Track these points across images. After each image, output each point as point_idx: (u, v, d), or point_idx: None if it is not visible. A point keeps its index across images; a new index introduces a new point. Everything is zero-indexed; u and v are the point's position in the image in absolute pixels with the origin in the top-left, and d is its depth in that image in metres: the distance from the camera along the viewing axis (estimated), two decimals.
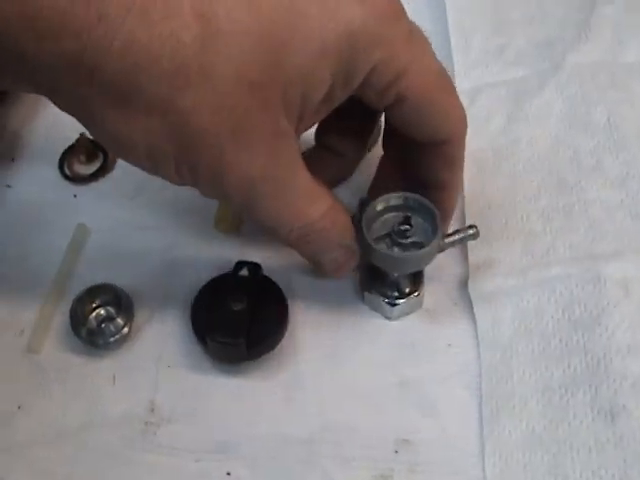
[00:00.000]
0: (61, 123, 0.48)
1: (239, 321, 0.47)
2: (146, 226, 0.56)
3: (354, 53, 0.40)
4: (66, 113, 0.40)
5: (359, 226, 0.47)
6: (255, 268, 0.50)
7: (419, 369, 0.49)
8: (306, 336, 0.51)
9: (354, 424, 0.47)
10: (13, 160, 0.60)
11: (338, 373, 0.49)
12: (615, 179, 0.54)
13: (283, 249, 0.52)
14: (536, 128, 0.58)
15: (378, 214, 0.48)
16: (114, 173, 0.59)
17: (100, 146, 0.59)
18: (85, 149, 0.59)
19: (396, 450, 0.46)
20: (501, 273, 0.51)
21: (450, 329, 0.50)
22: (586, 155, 0.56)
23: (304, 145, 0.48)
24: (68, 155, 0.60)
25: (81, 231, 0.55)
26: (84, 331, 0.49)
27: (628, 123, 0.57)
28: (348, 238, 0.47)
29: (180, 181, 0.42)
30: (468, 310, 0.51)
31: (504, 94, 0.60)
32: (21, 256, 0.55)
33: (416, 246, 0.47)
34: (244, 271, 0.50)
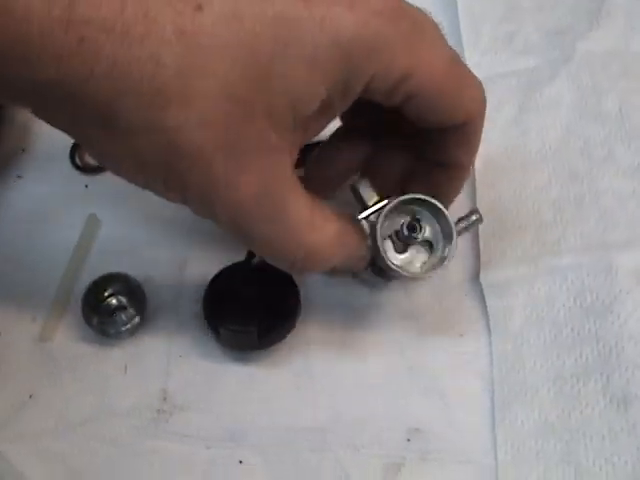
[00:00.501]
0: None
1: (251, 309, 0.48)
2: (158, 216, 0.56)
3: (349, 64, 0.38)
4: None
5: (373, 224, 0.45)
6: None
7: (431, 358, 0.49)
8: (317, 325, 0.51)
9: (365, 413, 0.47)
10: (24, 151, 0.60)
11: (349, 363, 0.49)
12: (627, 169, 0.53)
13: None
14: (547, 118, 0.57)
15: (385, 217, 0.45)
16: None
17: None
18: None
19: (408, 439, 0.46)
20: (512, 262, 0.51)
21: (462, 319, 0.50)
22: (597, 145, 0.55)
23: None
24: (79, 145, 0.59)
25: (92, 221, 0.56)
26: (96, 320, 0.50)
27: (639, 112, 0.56)
28: (362, 252, 0.45)
29: (173, 198, 0.41)
30: (479, 300, 0.51)
31: (515, 84, 0.60)
32: (33, 246, 0.55)
33: (425, 245, 0.46)
34: (256, 260, 0.50)
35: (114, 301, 0.51)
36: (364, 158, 0.50)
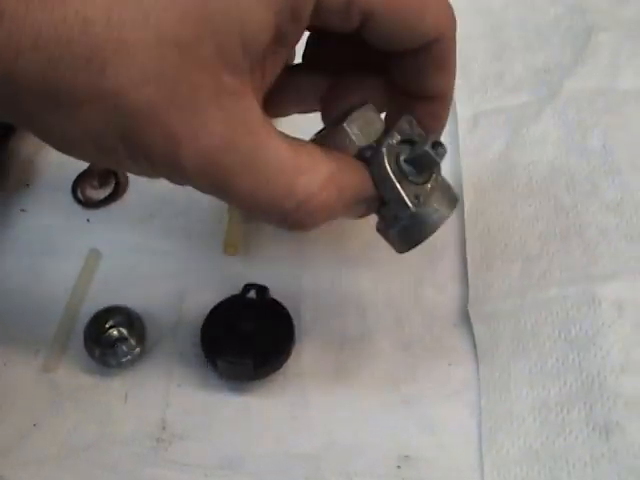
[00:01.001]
0: None
1: (247, 342, 0.49)
2: (157, 250, 0.57)
3: None
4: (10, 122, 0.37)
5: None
6: (262, 290, 0.52)
7: (421, 388, 0.50)
8: (311, 356, 0.52)
9: (358, 441, 0.48)
10: (28, 186, 0.62)
11: (342, 392, 0.50)
12: (610, 203, 0.54)
13: (289, 271, 0.54)
14: (534, 154, 0.59)
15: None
16: (126, 198, 0.60)
17: (113, 171, 0.61)
18: (98, 174, 0.61)
19: (398, 465, 0.47)
20: (500, 295, 0.52)
21: (451, 349, 0.52)
22: (582, 180, 0.56)
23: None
24: (81, 180, 0.61)
25: (94, 255, 0.57)
26: (98, 351, 0.50)
27: (623, 148, 0.57)
28: (369, 191, 0.41)
29: (144, 172, 0.38)
30: (468, 330, 0.52)
31: (503, 121, 0.61)
32: (35, 279, 0.56)
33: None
34: (252, 293, 0.52)
35: (115, 333, 0.51)
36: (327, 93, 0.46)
